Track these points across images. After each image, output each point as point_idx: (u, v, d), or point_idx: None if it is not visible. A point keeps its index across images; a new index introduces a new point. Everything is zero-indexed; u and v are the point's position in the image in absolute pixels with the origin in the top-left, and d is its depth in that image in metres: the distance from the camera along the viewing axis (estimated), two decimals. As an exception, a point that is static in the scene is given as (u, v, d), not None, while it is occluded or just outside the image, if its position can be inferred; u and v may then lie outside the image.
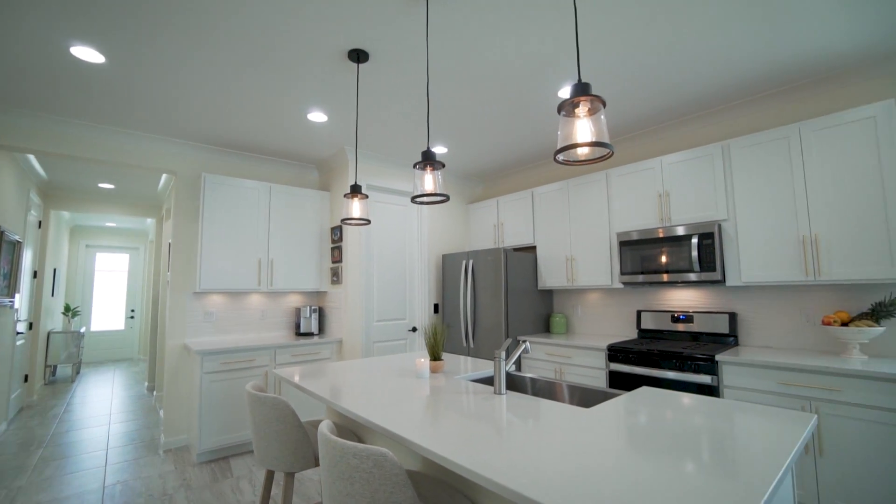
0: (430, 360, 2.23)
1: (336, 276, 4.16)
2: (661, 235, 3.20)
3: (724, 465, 1.01)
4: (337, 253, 4.17)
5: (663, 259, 3.16)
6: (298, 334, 4.13)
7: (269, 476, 1.95)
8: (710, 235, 2.94)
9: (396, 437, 1.25)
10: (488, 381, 2.27)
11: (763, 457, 1.06)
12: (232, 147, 3.95)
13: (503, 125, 3.49)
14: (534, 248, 4.32)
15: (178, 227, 3.82)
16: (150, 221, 7.52)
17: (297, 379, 2.09)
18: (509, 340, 1.74)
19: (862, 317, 2.53)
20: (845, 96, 2.76)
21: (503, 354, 1.66)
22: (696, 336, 3.24)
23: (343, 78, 2.69)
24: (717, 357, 2.66)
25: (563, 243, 3.94)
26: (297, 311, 4.17)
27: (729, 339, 3.09)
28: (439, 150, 4.07)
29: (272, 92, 2.86)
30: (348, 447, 1.07)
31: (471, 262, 4.16)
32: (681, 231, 3.10)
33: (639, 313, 3.57)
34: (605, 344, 3.25)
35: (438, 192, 1.73)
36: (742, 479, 0.94)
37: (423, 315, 4.52)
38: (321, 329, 4.37)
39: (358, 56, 2.41)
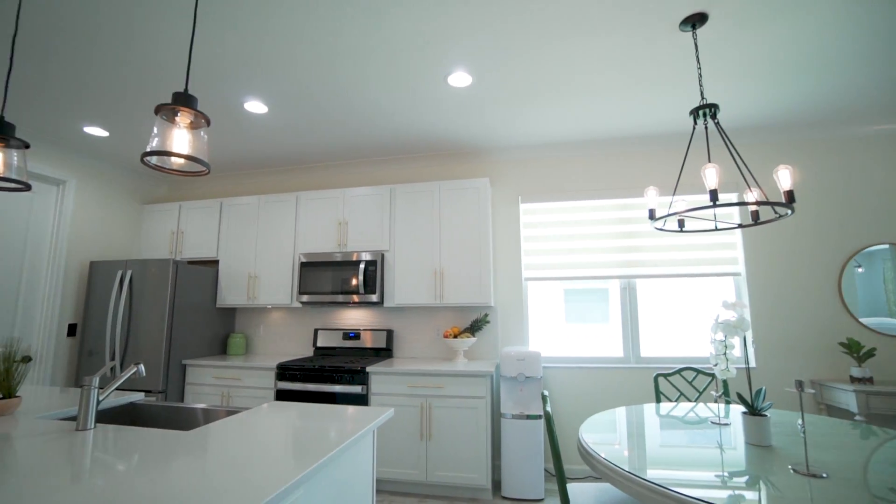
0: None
1: None
2: (337, 260, 3.51)
3: (297, 449, 1.13)
4: None
5: (338, 281, 3.47)
6: None
7: None
8: (374, 263, 3.42)
9: None
10: (101, 414, 1.88)
11: (333, 441, 1.25)
12: None
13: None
14: (216, 262, 3.97)
15: None
16: None
17: None
18: (113, 363, 1.49)
19: (465, 331, 3.45)
20: (467, 169, 3.80)
21: (96, 381, 1.40)
22: (362, 351, 3.66)
23: None
24: (368, 369, 3.07)
25: (248, 260, 3.78)
26: None
27: (386, 352, 3.63)
28: (97, 131, 3.26)
29: None
30: None
31: (129, 272, 3.45)
32: (354, 257, 3.49)
33: (316, 331, 3.77)
34: (275, 363, 3.25)
35: (13, 177, 1.35)
36: (308, 456, 1.07)
37: (47, 339, 3.41)
38: None
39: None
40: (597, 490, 1.88)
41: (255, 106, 2.89)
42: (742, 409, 2.04)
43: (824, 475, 1.30)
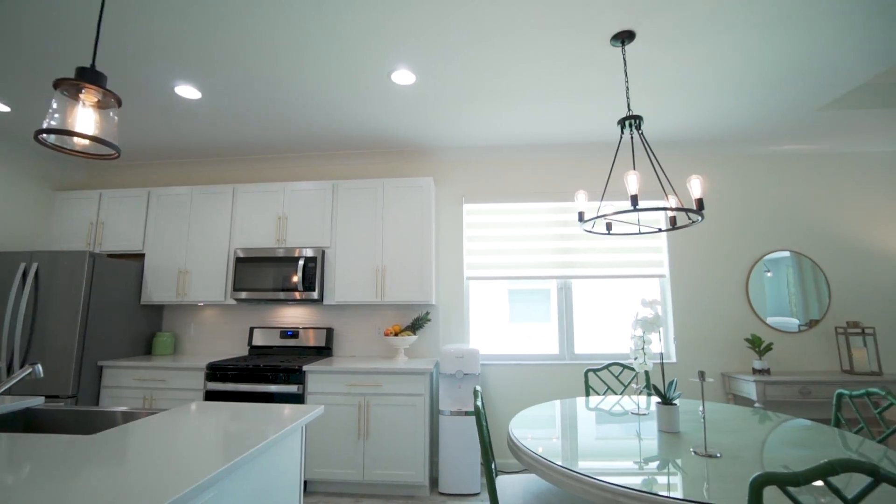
0: None
1: None
2: (276, 255, 3.39)
3: (212, 449, 1.08)
4: None
5: (276, 278, 3.35)
6: None
7: None
8: (314, 260, 3.34)
9: None
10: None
11: (253, 440, 1.21)
12: None
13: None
14: (141, 255, 3.70)
15: None
16: None
17: None
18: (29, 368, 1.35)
19: (406, 329, 3.45)
20: (412, 167, 3.80)
21: (-18, 383, 1.27)
22: (301, 350, 3.56)
23: None
24: (305, 368, 2.99)
25: (178, 254, 3.56)
26: None
27: (326, 351, 3.55)
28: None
29: None
30: None
31: (34, 265, 3.13)
32: (293, 253, 3.38)
33: (251, 330, 3.61)
34: (205, 363, 3.08)
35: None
36: (223, 456, 1.02)
37: (-70, 340, 3.01)
38: None
39: None
40: (525, 481, 1.95)
41: (188, 91, 2.72)
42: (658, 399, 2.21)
43: (718, 455, 1.44)
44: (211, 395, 3.03)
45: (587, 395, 2.65)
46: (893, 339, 3.43)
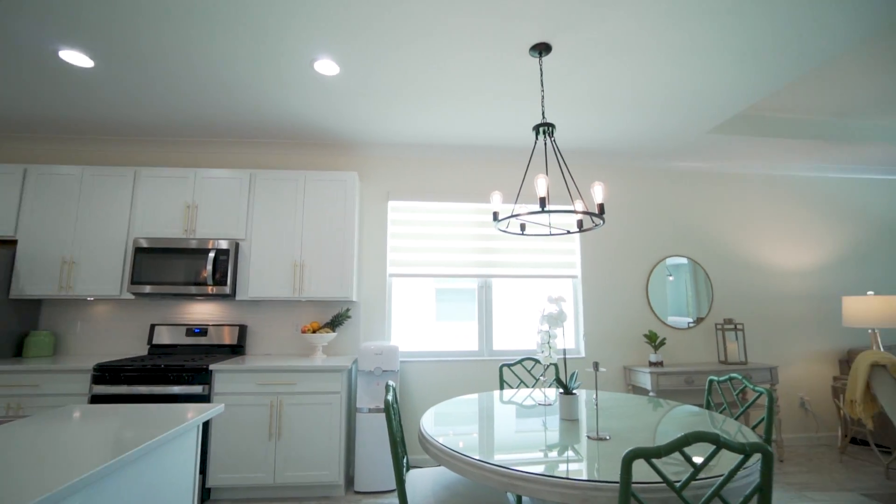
0: None
1: None
2: (184, 247, 3.13)
3: (79, 455, 0.97)
4: None
5: (183, 271, 3.09)
6: None
7: None
8: (226, 252, 3.13)
9: None
10: None
11: (130, 442, 1.11)
12: None
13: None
14: (13, 242, 3.23)
15: None
16: None
17: None
18: None
19: (326, 326, 3.36)
20: (336, 161, 3.71)
21: None
22: (209, 349, 3.31)
23: None
24: (211, 367, 2.79)
25: (63, 241, 3.15)
26: None
27: (238, 349, 3.34)
28: None
29: None
30: None
31: None
32: (205, 245, 3.14)
33: (152, 327, 3.30)
34: (92, 364, 2.76)
35: None
36: (91, 462, 0.92)
37: None
38: None
39: None
40: (437, 474, 1.99)
41: (76, 58, 2.42)
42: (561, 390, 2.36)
43: (607, 437, 1.58)
44: (99, 401, 2.72)
45: (501, 388, 2.76)
46: (757, 334, 3.98)
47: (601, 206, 1.95)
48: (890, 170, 4.36)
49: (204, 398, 2.79)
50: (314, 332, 3.24)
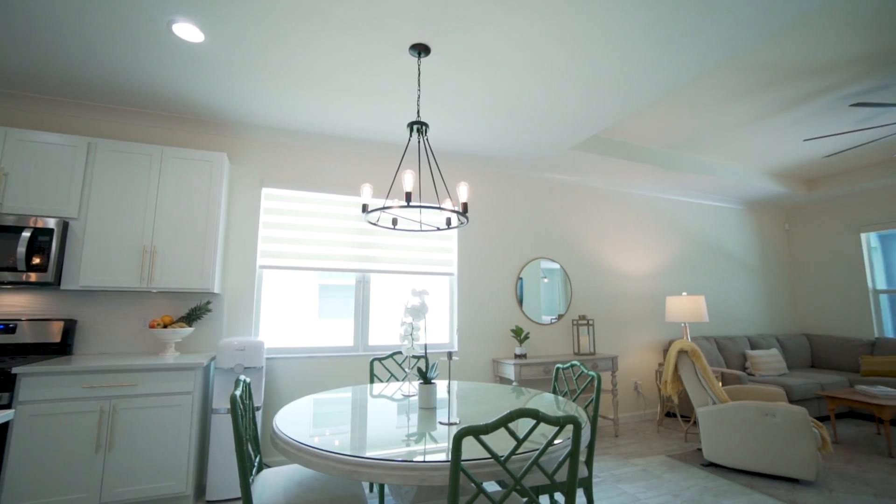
0: None
1: None
2: (-14, 223, 2.55)
3: None
4: None
5: (-17, 252, 2.52)
6: None
7: None
8: (49, 232, 2.63)
9: None
10: None
11: None
12: None
13: None
14: None
15: None
16: None
17: None
18: None
19: (181, 320, 3.02)
20: (203, 139, 3.36)
21: None
22: (19, 348, 2.75)
23: None
24: (16, 370, 2.32)
25: None
26: None
27: (62, 348, 2.83)
28: None
29: None
30: None
31: None
32: (21, 223, 2.60)
33: (-66, 322, 2.63)
34: None
35: None
36: None
37: None
38: None
39: None
40: (289, 471, 1.92)
41: None
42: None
43: (457, 421, 1.68)
44: None
45: (371, 382, 2.76)
46: (605, 328, 4.59)
47: (465, 206, 2.07)
48: (702, 195, 5.38)
49: (4, 407, 2.30)
50: (165, 326, 2.89)
